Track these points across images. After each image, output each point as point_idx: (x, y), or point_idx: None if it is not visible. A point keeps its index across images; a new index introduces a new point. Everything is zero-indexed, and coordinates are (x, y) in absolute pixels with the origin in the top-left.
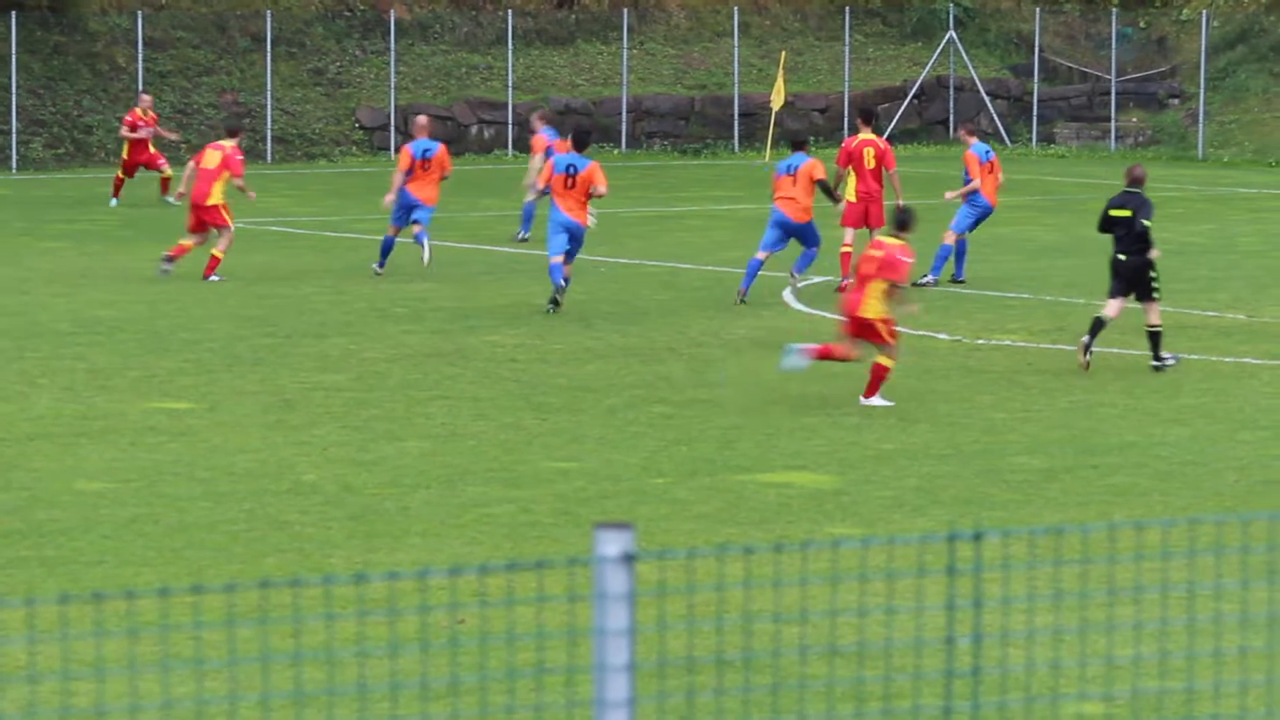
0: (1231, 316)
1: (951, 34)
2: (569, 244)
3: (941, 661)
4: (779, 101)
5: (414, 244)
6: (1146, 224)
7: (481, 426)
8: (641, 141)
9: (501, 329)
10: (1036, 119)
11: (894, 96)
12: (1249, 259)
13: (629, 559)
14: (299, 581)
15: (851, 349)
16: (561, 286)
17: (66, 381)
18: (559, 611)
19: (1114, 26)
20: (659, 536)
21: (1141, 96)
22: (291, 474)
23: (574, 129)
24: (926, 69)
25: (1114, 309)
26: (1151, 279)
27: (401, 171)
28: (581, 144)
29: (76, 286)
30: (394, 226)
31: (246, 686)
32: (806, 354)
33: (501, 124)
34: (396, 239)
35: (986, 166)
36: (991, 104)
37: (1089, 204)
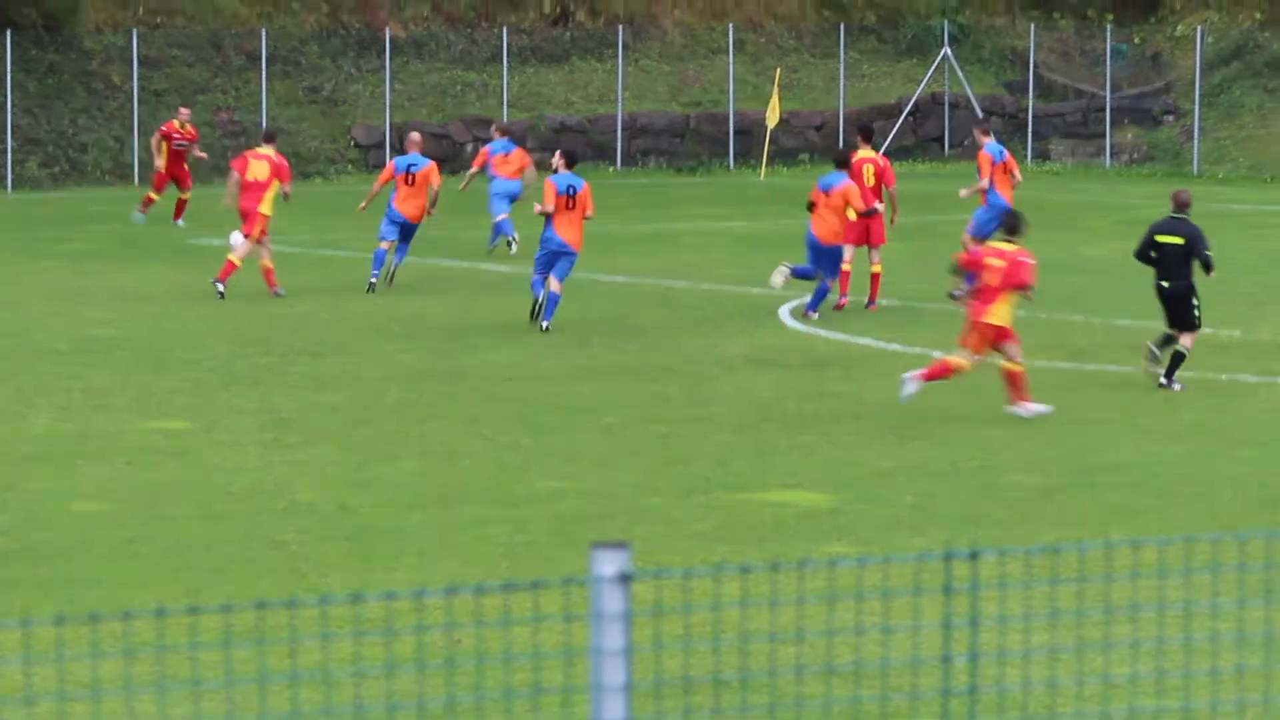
0: (1227, 333)
1: (946, 51)
2: (554, 263)
3: (938, 680)
4: (774, 119)
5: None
6: (1209, 255)
7: (478, 446)
8: (637, 159)
9: (498, 348)
10: (1031, 136)
11: (889, 114)
12: (1245, 276)
13: (625, 579)
14: (295, 602)
15: (965, 360)
16: (540, 299)
17: (63, 401)
18: (555, 631)
19: (1109, 43)
20: (655, 556)
21: (1136, 113)
22: (288, 494)
23: (564, 149)
24: (921, 85)
25: (1187, 340)
26: (1194, 306)
27: (381, 182)
28: (573, 162)
29: (73, 306)
30: (385, 241)
31: (244, 707)
32: (921, 379)
33: None
34: (388, 252)
35: (1000, 166)
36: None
37: (1086, 221)
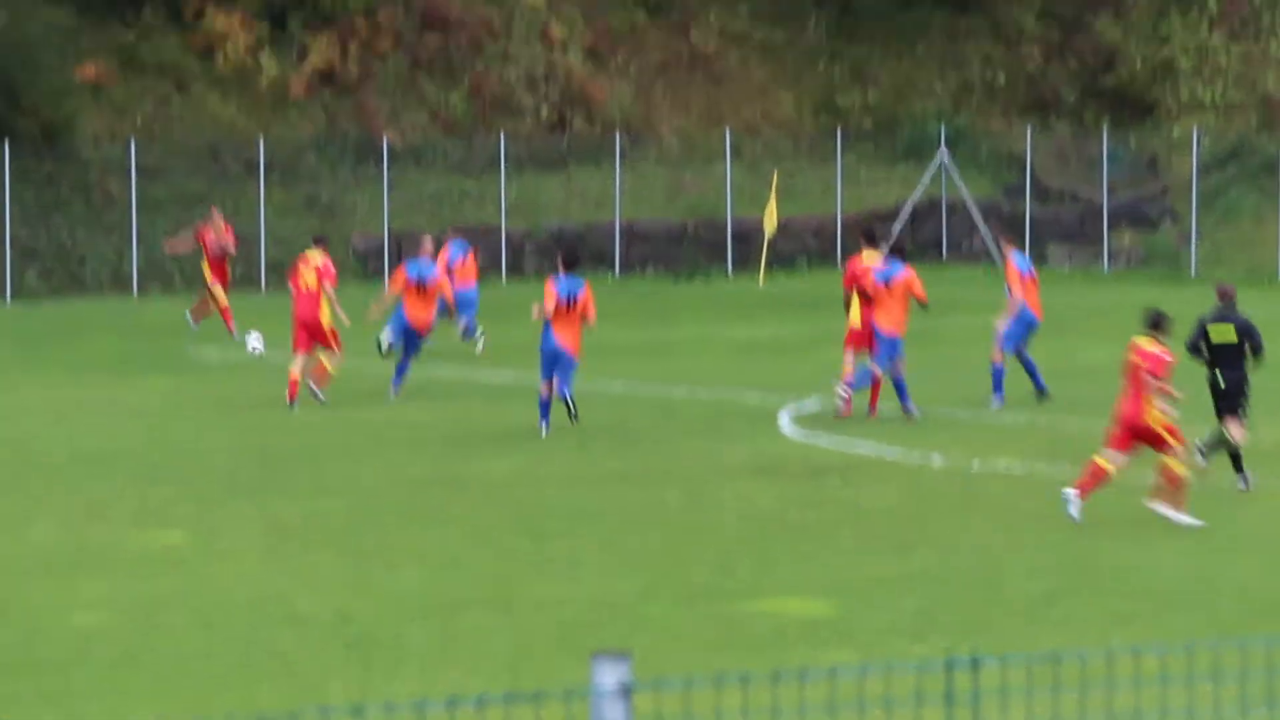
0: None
1: (943, 154)
2: (556, 370)
3: None
4: (772, 224)
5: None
6: (1262, 344)
7: (478, 553)
8: (635, 266)
9: (498, 455)
10: (1029, 239)
11: (887, 217)
12: None
13: (626, 691)
14: (296, 713)
15: (1114, 463)
16: (544, 430)
17: (62, 513)
18: None
19: (1105, 146)
20: (656, 664)
21: (1134, 216)
22: (287, 603)
23: (564, 250)
24: (919, 190)
25: (1237, 432)
26: (1246, 396)
27: (395, 292)
28: (572, 263)
29: (72, 417)
30: (389, 344)
31: None
32: (1082, 493)
33: (495, 249)
34: (409, 365)
35: (1029, 279)
36: (984, 224)
37: (1085, 325)
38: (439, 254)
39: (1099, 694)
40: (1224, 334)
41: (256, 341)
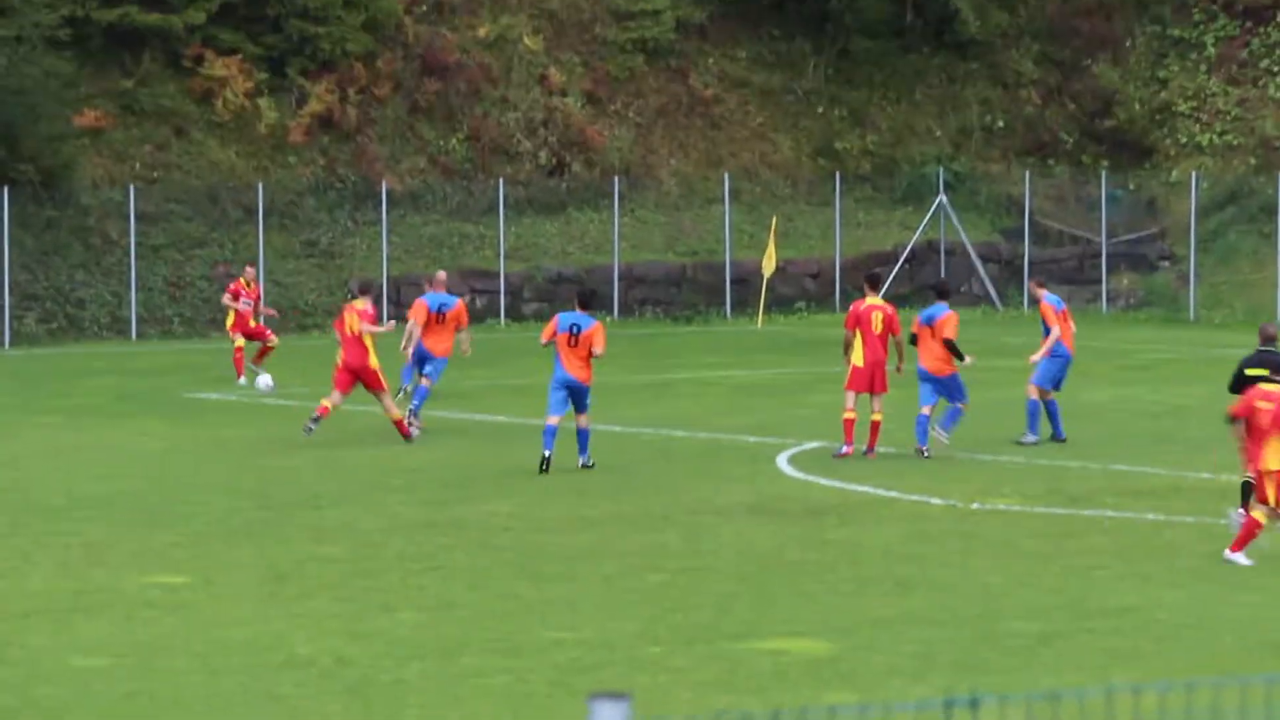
0: (1226, 478)
1: (941, 198)
2: (569, 402)
3: None
4: (770, 267)
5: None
6: None
7: (477, 596)
8: (634, 309)
9: (496, 498)
10: (1028, 282)
11: (885, 261)
12: None
13: None
14: None
15: (1265, 514)
16: (546, 456)
17: (61, 557)
18: None
19: (1104, 189)
20: (656, 705)
21: (1132, 258)
22: (286, 647)
23: (580, 291)
24: (917, 233)
25: None
26: None
27: (419, 324)
28: (586, 303)
29: (70, 461)
30: (426, 378)
31: None
32: (1241, 549)
33: (494, 293)
34: (429, 389)
35: (1062, 315)
36: (983, 267)
37: (1084, 366)
38: (415, 305)
39: None
40: (1261, 375)
41: (266, 381)
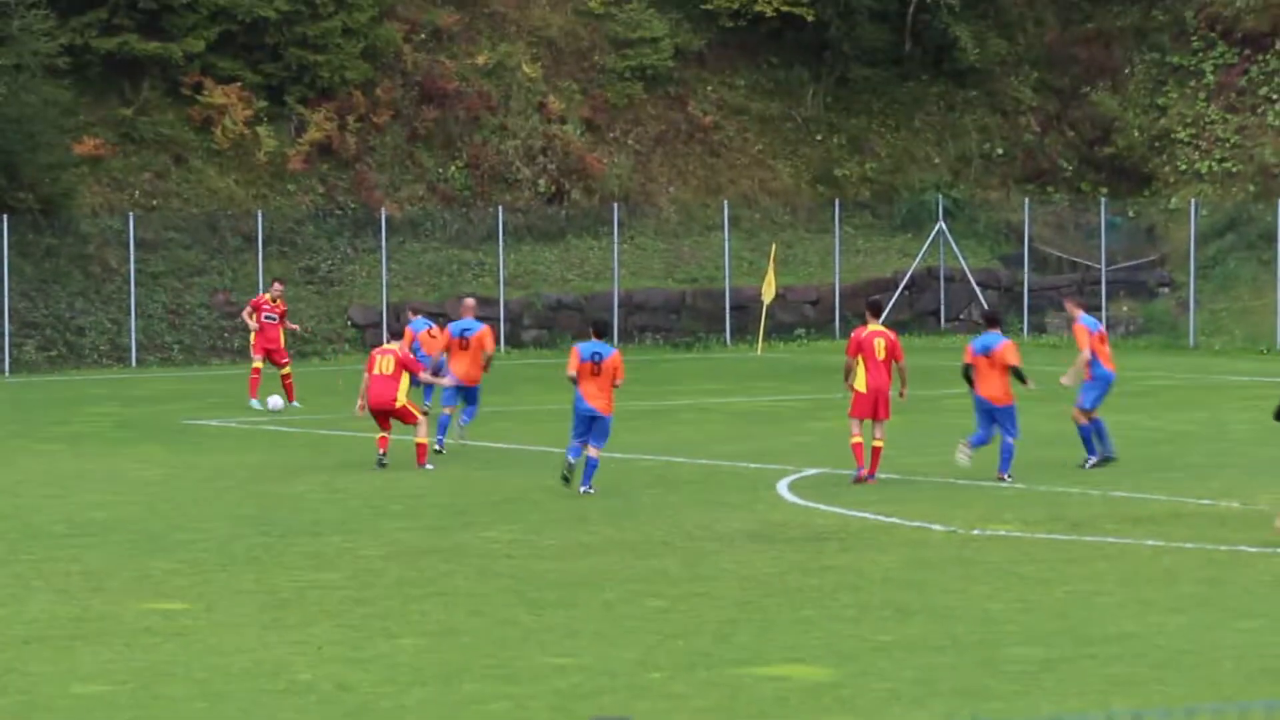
0: (1226, 505)
1: (941, 225)
2: (589, 431)
3: None
4: (770, 294)
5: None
6: None
7: (477, 623)
8: (633, 335)
9: (496, 525)
10: (1027, 309)
11: (885, 287)
12: (1242, 447)
13: None
14: None
15: None
16: (571, 463)
17: (61, 584)
18: None
19: (1103, 216)
20: None
21: (1131, 285)
22: (287, 673)
23: (595, 321)
24: (917, 260)
25: None
26: None
27: (441, 349)
28: (602, 332)
29: (70, 488)
30: (448, 406)
31: None
32: None
33: (493, 320)
34: (451, 417)
35: (1097, 336)
36: (982, 294)
37: None
38: (404, 334)
39: None
40: None
41: (276, 401)
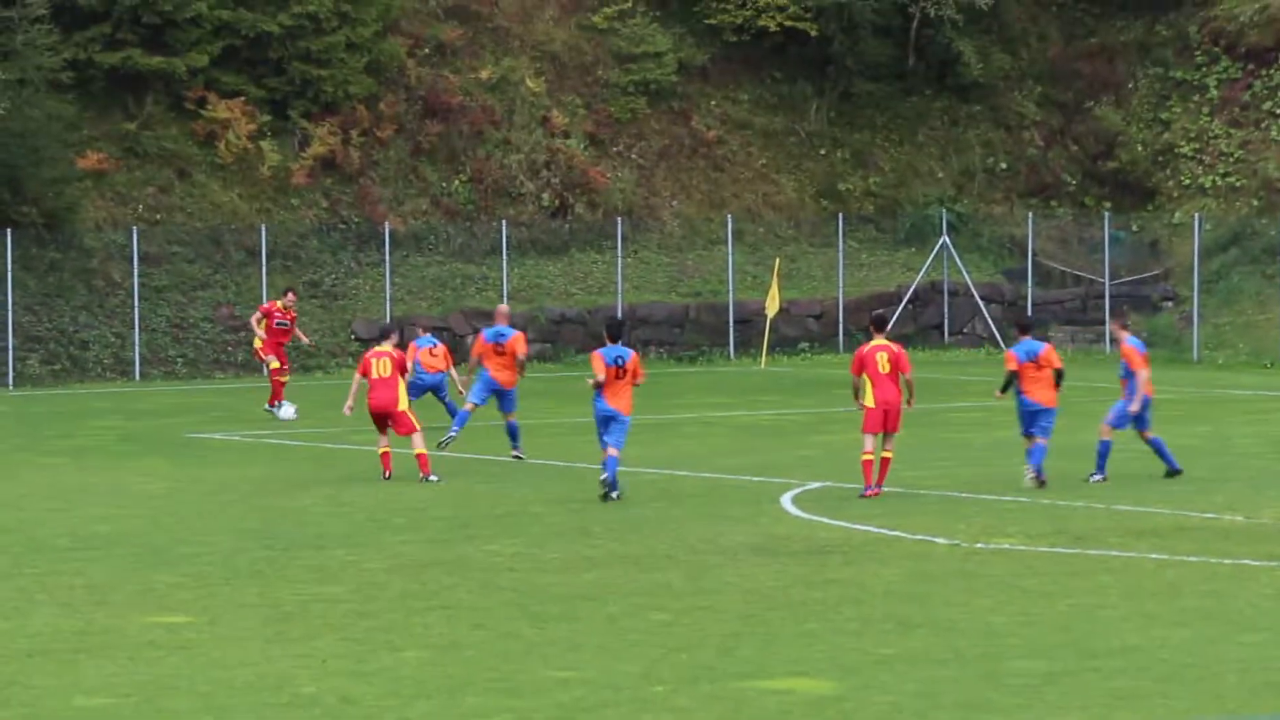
0: (1230, 518)
1: (944, 239)
2: (612, 429)
3: None
4: (774, 308)
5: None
6: None
7: (480, 636)
8: (637, 349)
9: (500, 538)
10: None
11: (888, 301)
12: (1246, 460)
13: None
14: None
15: None
16: (608, 480)
17: (65, 597)
18: None
19: (1107, 230)
20: None
21: (1135, 299)
22: (291, 686)
23: (608, 323)
24: (920, 274)
25: None
26: None
27: (475, 355)
28: (617, 335)
29: (74, 502)
30: (472, 404)
31: None
32: None
33: None
34: (470, 414)
35: (1144, 357)
36: (985, 308)
37: (1086, 407)
38: (408, 348)
39: None
40: None
41: (289, 411)
